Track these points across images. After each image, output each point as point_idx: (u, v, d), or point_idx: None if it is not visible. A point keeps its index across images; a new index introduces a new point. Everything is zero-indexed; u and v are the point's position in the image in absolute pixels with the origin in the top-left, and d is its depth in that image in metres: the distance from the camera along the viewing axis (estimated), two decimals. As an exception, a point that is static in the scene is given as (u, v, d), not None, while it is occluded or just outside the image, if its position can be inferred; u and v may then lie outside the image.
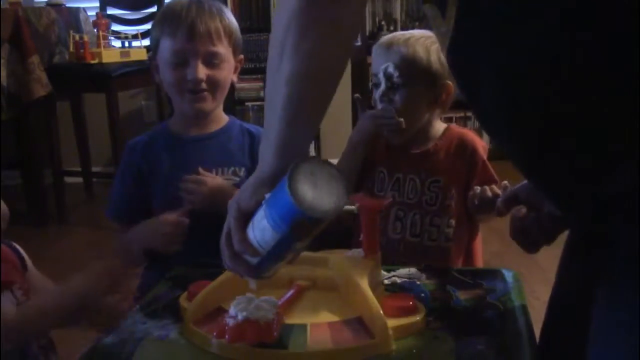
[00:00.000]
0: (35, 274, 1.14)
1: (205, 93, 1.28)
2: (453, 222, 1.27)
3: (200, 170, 1.27)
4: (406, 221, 1.27)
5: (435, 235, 1.27)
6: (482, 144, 1.30)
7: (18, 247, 1.11)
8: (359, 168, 1.32)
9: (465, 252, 1.30)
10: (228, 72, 1.31)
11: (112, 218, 1.40)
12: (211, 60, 1.27)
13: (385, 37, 1.31)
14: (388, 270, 1.06)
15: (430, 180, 1.26)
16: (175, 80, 1.28)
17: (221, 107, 1.37)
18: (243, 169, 1.32)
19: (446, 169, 1.27)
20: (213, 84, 1.28)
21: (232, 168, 1.32)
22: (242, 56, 1.36)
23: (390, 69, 1.21)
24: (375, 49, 1.30)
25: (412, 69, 1.23)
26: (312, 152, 3.71)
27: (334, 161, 1.39)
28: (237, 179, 1.30)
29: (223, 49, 1.28)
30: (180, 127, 1.35)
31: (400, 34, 1.29)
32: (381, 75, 1.22)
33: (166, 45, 1.27)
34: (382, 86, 1.23)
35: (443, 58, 1.21)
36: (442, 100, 1.27)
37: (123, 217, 1.36)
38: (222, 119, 1.37)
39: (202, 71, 1.25)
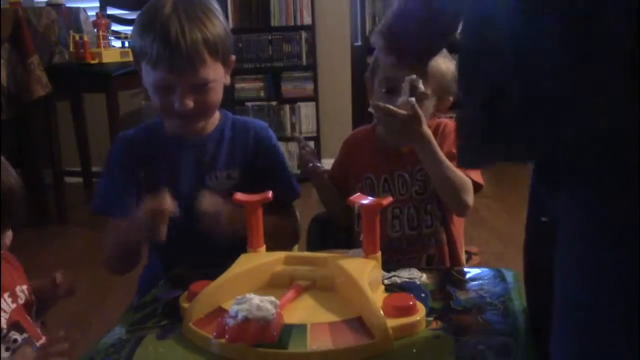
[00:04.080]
0: None
1: (195, 117, 1.22)
2: (440, 205, 1.28)
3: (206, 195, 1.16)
4: (403, 217, 1.28)
5: (429, 221, 1.28)
6: (453, 125, 1.30)
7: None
8: (337, 195, 1.33)
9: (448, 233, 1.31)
10: (219, 89, 1.23)
11: (96, 213, 1.29)
12: (198, 87, 1.18)
13: None
14: (388, 270, 1.07)
15: (417, 169, 1.26)
16: (162, 105, 1.20)
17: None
18: (237, 170, 1.28)
19: None
20: (202, 107, 1.20)
21: (227, 172, 1.27)
22: (233, 57, 1.27)
23: (416, 82, 1.19)
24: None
25: (434, 82, 1.23)
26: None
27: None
28: (231, 181, 1.26)
29: (210, 71, 1.18)
30: (175, 128, 1.27)
31: None
32: (406, 85, 1.20)
33: (147, 69, 1.19)
34: (404, 96, 1.20)
35: (454, 70, 1.23)
36: (441, 109, 1.29)
37: (110, 211, 1.26)
38: (215, 119, 1.31)
39: (189, 99, 1.17)
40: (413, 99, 1.16)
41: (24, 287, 1.07)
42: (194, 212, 1.14)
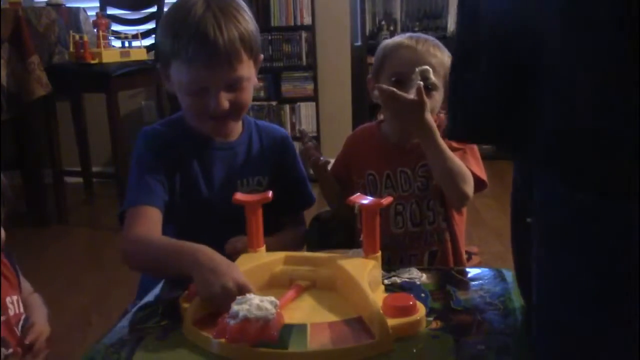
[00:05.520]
0: (26, 287, 1.15)
1: (228, 118, 1.21)
2: (443, 201, 1.29)
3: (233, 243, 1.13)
4: (406, 213, 1.28)
5: (432, 218, 1.29)
6: None
7: (12, 258, 1.12)
8: (339, 190, 1.34)
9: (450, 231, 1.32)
10: (251, 89, 1.23)
11: (132, 205, 1.17)
12: (234, 86, 1.18)
13: (407, 39, 1.29)
14: (388, 270, 1.07)
15: (420, 166, 1.27)
16: (195, 107, 1.19)
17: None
18: (267, 176, 1.28)
19: None
20: (237, 107, 1.20)
21: (257, 177, 1.28)
22: (261, 56, 1.27)
23: (428, 72, 1.20)
24: (397, 47, 1.28)
25: (441, 76, 1.24)
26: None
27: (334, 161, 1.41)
28: (261, 187, 1.26)
29: (245, 68, 1.18)
30: (206, 131, 1.25)
31: (421, 36, 1.29)
32: (417, 76, 1.20)
33: (181, 69, 1.16)
34: (416, 86, 1.20)
35: None
36: (444, 106, 1.30)
37: (146, 201, 1.17)
38: (239, 122, 1.31)
39: (225, 99, 1.17)
40: (421, 83, 1.17)
41: (15, 297, 1.06)
42: (224, 216, 1.14)
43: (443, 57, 1.26)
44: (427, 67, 1.20)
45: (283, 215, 1.29)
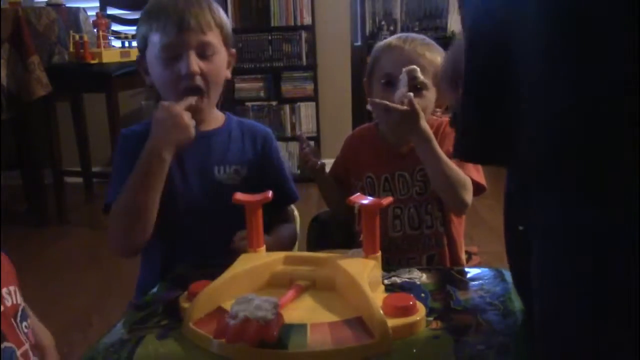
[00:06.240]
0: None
1: (199, 91, 1.22)
2: (441, 205, 1.29)
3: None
4: (404, 217, 1.28)
5: (430, 222, 1.29)
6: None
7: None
8: (338, 191, 1.34)
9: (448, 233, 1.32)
10: (221, 65, 1.26)
11: (109, 205, 1.25)
12: (204, 52, 1.22)
13: (395, 39, 1.30)
14: (388, 270, 1.07)
15: (418, 170, 1.27)
16: (168, 78, 1.23)
17: (214, 106, 1.32)
18: (245, 168, 1.29)
19: None
20: (207, 78, 1.22)
21: (234, 167, 1.28)
22: (234, 50, 1.31)
23: (415, 72, 1.20)
24: (386, 49, 1.29)
25: (432, 75, 1.25)
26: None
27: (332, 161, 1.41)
28: (239, 177, 1.28)
29: (215, 39, 1.24)
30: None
31: (410, 36, 1.30)
32: (404, 77, 1.21)
33: (155, 40, 1.22)
34: (403, 88, 1.21)
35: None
36: (440, 105, 1.30)
37: None
38: (220, 117, 1.34)
39: (196, 63, 1.20)
40: (411, 94, 1.17)
41: (11, 288, 1.05)
42: (202, 206, 1.18)
43: (433, 55, 1.26)
44: (414, 66, 1.20)
45: (268, 212, 1.29)
